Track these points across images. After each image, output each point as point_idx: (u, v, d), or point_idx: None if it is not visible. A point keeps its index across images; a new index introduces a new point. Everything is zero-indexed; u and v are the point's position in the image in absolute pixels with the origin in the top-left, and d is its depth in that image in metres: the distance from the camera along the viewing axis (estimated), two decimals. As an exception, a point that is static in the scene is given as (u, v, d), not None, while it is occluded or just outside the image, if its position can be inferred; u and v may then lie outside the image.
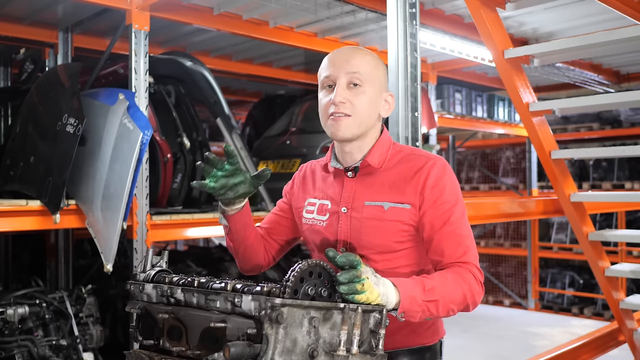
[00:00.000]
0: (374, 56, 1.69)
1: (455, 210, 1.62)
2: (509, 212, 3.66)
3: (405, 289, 1.45)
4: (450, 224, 1.60)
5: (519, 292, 8.38)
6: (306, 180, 1.85)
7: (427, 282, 1.50)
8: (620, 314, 3.76)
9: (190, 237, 4.52)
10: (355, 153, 1.69)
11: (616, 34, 2.89)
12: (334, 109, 1.62)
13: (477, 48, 4.99)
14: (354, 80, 1.62)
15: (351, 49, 1.68)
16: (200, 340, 1.38)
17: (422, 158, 1.66)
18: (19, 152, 3.62)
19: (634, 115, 7.83)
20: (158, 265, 1.59)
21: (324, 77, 1.66)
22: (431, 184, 1.61)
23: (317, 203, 1.76)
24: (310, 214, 1.77)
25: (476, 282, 1.58)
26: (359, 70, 1.62)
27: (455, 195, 1.64)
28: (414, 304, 1.46)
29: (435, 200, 1.61)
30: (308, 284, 1.32)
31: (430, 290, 1.48)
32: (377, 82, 1.66)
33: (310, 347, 1.28)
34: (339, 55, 1.66)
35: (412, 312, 1.46)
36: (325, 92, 1.67)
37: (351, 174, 1.70)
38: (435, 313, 1.50)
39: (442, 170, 1.63)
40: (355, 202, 1.67)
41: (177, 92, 4.41)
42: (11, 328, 3.44)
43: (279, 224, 1.90)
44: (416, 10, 2.60)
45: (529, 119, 3.28)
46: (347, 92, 1.62)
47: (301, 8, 4.00)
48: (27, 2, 4.10)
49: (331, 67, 1.65)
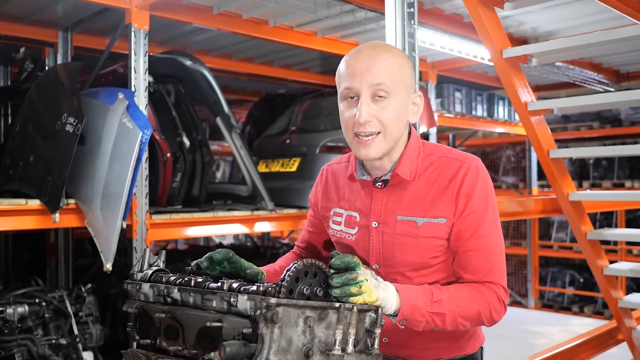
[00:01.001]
0: (395, 55, 1.53)
1: (485, 221, 1.51)
2: (508, 211, 3.67)
3: (408, 297, 1.42)
4: (478, 236, 1.51)
5: (519, 291, 8.38)
6: (328, 187, 1.74)
7: (436, 293, 1.45)
8: (619, 312, 3.77)
9: (190, 236, 4.53)
10: (384, 164, 1.57)
11: (615, 33, 2.89)
12: (360, 129, 1.49)
13: (476, 47, 4.99)
14: (379, 93, 1.48)
15: (371, 53, 1.51)
16: (197, 340, 1.38)
17: (456, 162, 1.54)
18: (18, 152, 3.63)
19: (634, 114, 7.84)
20: (155, 265, 1.60)
21: (344, 88, 1.52)
22: (464, 192, 1.50)
23: (344, 214, 1.66)
24: (337, 226, 1.67)
25: (498, 301, 1.51)
26: (383, 80, 1.47)
27: (486, 204, 1.52)
28: (416, 313, 1.42)
29: (465, 208, 1.51)
30: (303, 284, 1.32)
31: (437, 303, 1.44)
32: (404, 88, 1.52)
33: (306, 347, 1.28)
34: (358, 64, 1.49)
35: (413, 321, 1.43)
36: (347, 104, 1.53)
37: (380, 184, 1.59)
38: (441, 325, 1.46)
39: (476, 176, 1.52)
40: (387, 216, 1.57)
41: (176, 91, 4.42)
42: (11, 327, 3.45)
43: (315, 242, 1.83)
44: (414, 9, 2.60)
45: (528, 118, 3.28)
46: (373, 108, 1.48)
47: (301, 7, 4.00)
48: (27, 1, 4.11)
49: (351, 79, 1.50)
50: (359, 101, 1.49)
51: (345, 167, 1.71)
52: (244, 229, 4.17)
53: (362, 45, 1.56)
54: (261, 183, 4.30)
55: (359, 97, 1.49)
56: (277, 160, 4.94)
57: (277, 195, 4.38)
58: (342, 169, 1.72)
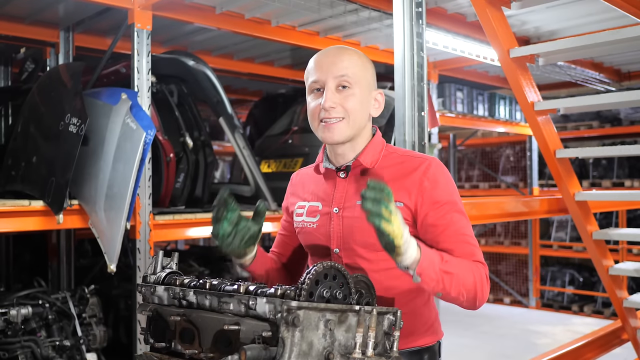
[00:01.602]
0: (360, 55, 1.67)
1: (455, 210, 1.60)
2: (513, 211, 3.66)
3: (426, 251, 1.47)
4: (453, 223, 1.59)
5: (519, 290, 8.38)
6: (296, 187, 1.85)
7: (445, 255, 1.51)
8: (624, 312, 3.76)
9: (193, 236, 4.51)
10: (347, 153, 1.68)
11: (623, 32, 2.88)
12: (325, 114, 1.61)
13: (479, 47, 4.99)
14: (343, 83, 1.61)
15: (337, 50, 1.66)
16: (213, 343, 1.37)
17: (417, 159, 1.65)
18: (20, 152, 3.61)
19: (634, 114, 7.84)
20: (168, 267, 1.58)
21: (312, 82, 1.65)
22: (429, 185, 1.59)
23: (307, 205, 1.75)
24: (299, 217, 1.76)
25: (485, 278, 1.58)
26: (347, 72, 1.61)
27: (455, 195, 1.63)
28: (431, 269, 1.45)
29: (435, 201, 1.59)
30: (323, 287, 1.31)
31: (447, 262, 1.49)
32: (366, 82, 1.65)
33: (326, 350, 1.27)
34: (324, 58, 1.64)
35: (427, 277, 1.45)
36: (314, 96, 1.65)
37: (343, 174, 1.69)
38: (448, 288, 1.49)
39: (439, 171, 1.62)
40: (347, 201, 1.66)
41: (179, 91, 4.40)
42: (14, 329, 3.42)
43: (288, 245, 1.89)
44: (422, 9, 2.59)
45: (534, 118, 3.28)
46: (337, 96, 1.61)
47: (304, 7, 3.99)
48: (28, 1, 4.08)
49: (318, 71, 1.63)
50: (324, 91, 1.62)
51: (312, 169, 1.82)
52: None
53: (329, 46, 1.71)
54: (264, 183, 4.28)
55: (325, 88, 1.61)
56: (280, 160, 4.93)
57: (280, 196, 4.36)
58: (311, 172, 1.82)
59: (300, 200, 1.79)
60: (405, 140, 2.67)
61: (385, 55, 5.22)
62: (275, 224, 4.28)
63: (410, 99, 2.65)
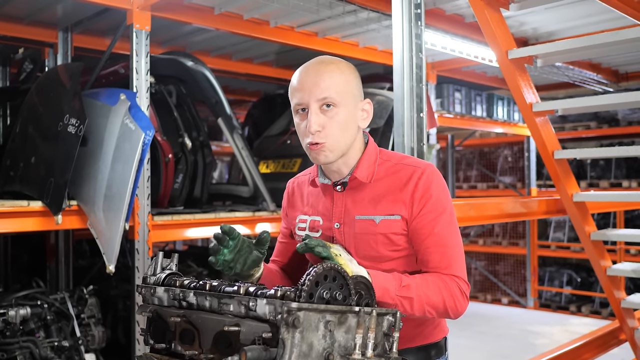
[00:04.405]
0: (342, 69, 1.62)
1: (440, 220, 1.61)
2: (511, 212, 3.66)
3: (379, 279, 1.49)
4: (434, 234, 1.60)
5: (517, 291, 8.40)
6: (294, 197, 1.85)
7: (404, 279, 1.54)
8: (622, 313, 3.77)
9: (191, 237, 4.51)
10: (341, 169, 1.67)
11: (622, 34, 2.89)
12: (311, 139, 1.59)
13: (477, 48, 4.99)
14: (327, 102, 1.58)
15: (317, 67, 1.61)
16: (213, 344, 1.37)
17: (410, 168, 1.65)
18: (19, 153, 3.61)
19: (632, 114, 7.86)
20: (168, 268, 1.58)
21: (295, 103, 1.62)
22: (419, 194, 1.61)
23: (308, 220, 1.76)
24: (302, 231, 1.77)
25: (460, 293, 1.59)
26: (329, 93, 1.58)
27: (442, 204, 1.62)
28: (386, 296, 1.49)
29: (421, 209, 1.61)
30: (323, 288, 1.31)
31: (406, 287, 1.52)
32: (351, 97, 1.62)
33: (326, 351, 1.28)
34: (306, 77, 1.60)
35: (384, 305, 1.49)
36: (300, 117, 1.63)
37: (340, 188, 1.69)
38: (410, 311, 1.53)
39: (430, 179, 1.62)
40: (347, 217, 1.67)
41: (178, 92, 4.40)
42: (13, 329, 3.42)
43: (289, 252, 1.89)
44: (421, 11, 2.60)
45: (532, 119, 3.28)
46: (321, 117, 1.58)
47: (303, 8, 3.99)
48: (26, 2, 4.08)
49: (300, 92, 1.60)
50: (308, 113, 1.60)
51: (308, 179, 1.82)
52: (245, 230, 4.15)
53: (311, 60, 1.66)
54: (263, 184, 4.29)
55: (308, 110, 1.59)
56: (278, 160, 4.93)
57: (278, 196, 4.36)
58: (306, 180, 1.83)
59: (300, 213, 1.80)
60: (404, 142, 2.68)
61: (383, 56, 5.23)
62: (275, 225, 4.29)
63: (409, 100, 2.66)
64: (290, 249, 1.88)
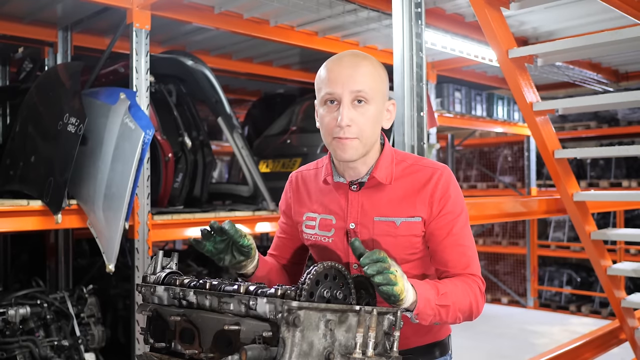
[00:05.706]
0: (375, 65, 1.61)
1: (458, 221, 1.62)
2: (511, 211, 3.66)
3: (422, 290, 1.46)
4: (452, 234, 1.61)
5: (517, 290, 8.40)
6: (300, 192, 1.79)
7: (440, 286, 1.52)
8: (622, 312, 3.77)
9: (191, 236, 4.49)
10: (359, 168, 1.64)
11: (623, 33, 2.88)
12: (340, 133, 1.55)
13: (477, 47, 4.99)
14: (359, 98, 1.55)
15: (352, 61, 1.58)
16: (214, 343, 1.37)
17: (429, 169, 1.64)
18: (19, 152, 3.60)
19: (631, 114, 7.86)
20: (168, 267, 1.58)
21: (326, 93, 1.57)
22: (438, 195, 1.60)
23: (318, 218, 1.71)
24: (311, 230, 1.72)
25: (480, 293, 1.61)
26: (364, 87, 1.55)
27: (460, 206, 1.64)
28: (428, 306, 1.47)
29: (440, 210, 1.61)
30: (323, 287, 1.31)
31: (443, 295, 1.50)
32: (381, 95, 1.60)
33: (327, 350, 1.27)
34: (340, 70, 1.56)
35: (424, 315, 1.47)
36: (328, 108, 1.58)
37: (356, 187, 1.65)
38: (445, 318, 1.52)
39: (448, 181, 1.63)
40: (363, 217, 1.64)
41: (178, 91, 4.40)
42: (12, 329, 3.42)
43: (287, 247, 1.86)
44: (421, 10, 2.60)
45: (533, 118, 3.28)
46: (353, 112, 1.55)
47: (303, 7, 3.98)
48: (26, 1, 4.08)
49: (333, 83, 1.56)
50: (339, 105, 1.56)
51: (314, 174, 1.77)
52: (245, 230, 4.14)
53: (343, 52, 1.64)
54: (263, 183, 4.28)
55: (340, 102, 1.56)
56: (278, 160, 4.93)
57: (278, 196, 4.36)
58: (312, 175, 1.78)
59: (308, 210, 1.74)
60: (404, 141, 2.67)
61: (383, 55, 5.22)
62: (275, 224, 4.28)
63: (409, 99, 2.65)
64: (289, 244, 1.85)
